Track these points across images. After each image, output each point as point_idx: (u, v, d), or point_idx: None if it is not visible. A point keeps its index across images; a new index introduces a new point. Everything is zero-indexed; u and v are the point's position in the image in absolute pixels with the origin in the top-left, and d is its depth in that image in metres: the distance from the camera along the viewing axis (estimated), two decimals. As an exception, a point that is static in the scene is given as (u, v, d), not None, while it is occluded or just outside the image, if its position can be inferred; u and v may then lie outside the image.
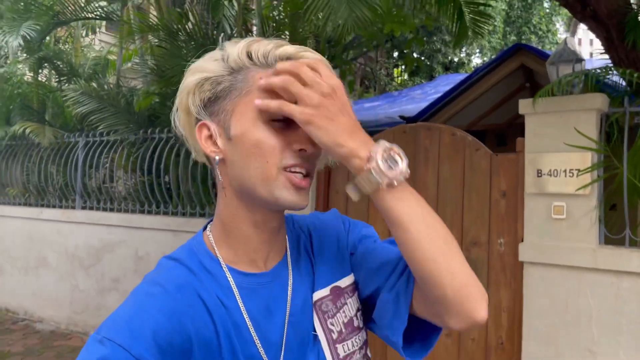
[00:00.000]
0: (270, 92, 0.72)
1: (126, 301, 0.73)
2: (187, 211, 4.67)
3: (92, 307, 5.17)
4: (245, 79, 0.74)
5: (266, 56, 0.75)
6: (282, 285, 0.81)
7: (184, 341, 0.70)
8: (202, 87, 0.75)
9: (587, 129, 2.90)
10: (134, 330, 0.67)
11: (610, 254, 2.83)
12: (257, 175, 0.73)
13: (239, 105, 0.74)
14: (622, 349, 2.79)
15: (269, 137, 0.72)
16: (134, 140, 5.14)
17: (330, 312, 0.83)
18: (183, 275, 0.75)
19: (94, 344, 0.67)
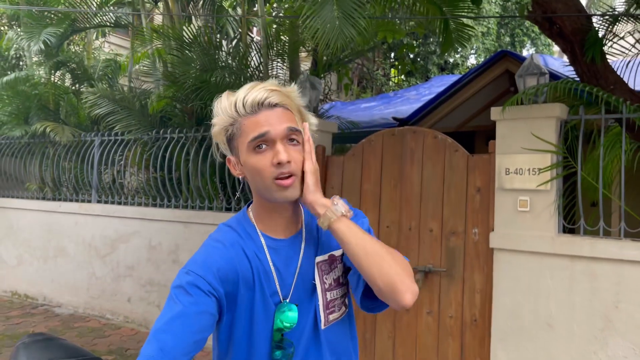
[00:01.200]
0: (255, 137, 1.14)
1: (200, 250, 1.20)
2: (196, 204, 5.12)
3: (108, 292, 5.62)
4: (238, 126, 1.14)
5: (244, 105, 1.13)
6: (296, 248, 1.25)
7: (234, 277, 1.17)
8: (220, 134, 1.19)
9: (547, 134, 3.36)
10: (206, 267, 1.14)
11: (566, 241, 3.30)
12: (261, 186, 1.16)
13: (240, 144, 1.15)
14: (576, 323, 3.26)
15: (258, 160, 1.13)
16: (147, 139, 5.59)
17: (326, 270, 1.27)
18: (234, 237, 1.21)
19: (183, 274, 1.13)
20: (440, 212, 3.84)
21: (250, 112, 1.14)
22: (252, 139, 1.13)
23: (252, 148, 1.14)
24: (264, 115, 1.13)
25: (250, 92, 1.14)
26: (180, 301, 1.08)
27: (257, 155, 1.13)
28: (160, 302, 5.18)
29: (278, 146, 1.13)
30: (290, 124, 1.15)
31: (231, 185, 4.96)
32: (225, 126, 1.17)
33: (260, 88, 1.15)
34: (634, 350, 3.08)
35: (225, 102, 1.17)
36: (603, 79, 3.74)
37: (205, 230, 4.91)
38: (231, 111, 1.15)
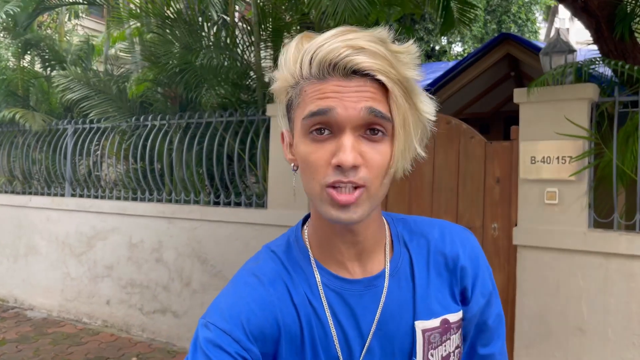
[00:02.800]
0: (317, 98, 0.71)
1: (228, 287, 0.81)
2: (180, 198, 4.69)
3: (85, 294, 5.17)
4: (298, 91, 0.74)
5: (313, 67, 0.72)
6: (374, 296, 0.81)
7: (273, 330, 0.77)
8: (281, 94, 0.78)
9: (578, 118, 3.02)
10: (232, 318, 0.75)
11: (600, 237, 2.97)
12: (309, 190, 0.74)
13: (297, 117, 0.75)
14: (611, 328, 2.94)
15: (312, 151, 0.72)
16: (126, 127, 5.12)
17: (435, 343, 0.83)
18: (277, 270, 0.81)
19: (202, 327, 0.76)
20: (455, 205, 3.49)
21: (317, 75, 0.71)
22: (307, 114, 0.71)
23: (308, 130, 0.72)
24: (333, 86, 0.70)
25: (329, 42, 0.70)
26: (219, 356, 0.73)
27: (313, 144, 0.72)
28: (142, 304, 4.75)
29: (345, 138, 0.70)
30: (373, 104, 0.70)
31: (220, 177, 4.54)
32: (286, 86, 0.76)
33: (344, 37, 0.70)
34: (677, 358, 2.78)
35: (293, 50, 0.75)
36: (631, 57, 3.42)
37: (192, 227, 4.49)
38: (294, 66, 0.73)
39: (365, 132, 0.71)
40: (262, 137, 4.26)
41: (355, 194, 0.70)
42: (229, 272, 4.27)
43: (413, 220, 0.90)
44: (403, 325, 0.82)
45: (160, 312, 4.65)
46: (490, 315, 0.88)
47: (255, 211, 4.20)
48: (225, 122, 4.49)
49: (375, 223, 0.82)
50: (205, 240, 4.42)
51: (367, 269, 0.82)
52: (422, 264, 0.85)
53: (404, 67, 0.71)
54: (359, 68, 0.69)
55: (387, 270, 0.83)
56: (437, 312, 0.83)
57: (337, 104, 0.69)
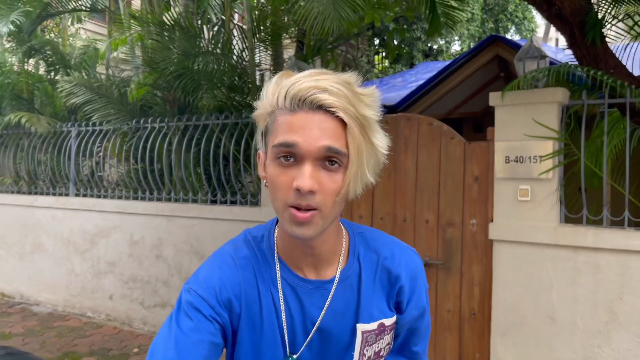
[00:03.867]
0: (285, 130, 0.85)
1: (209, 261, 1.00)
2: (179, 197, 4.90)
3: (89, 289, 5.39)
4: (273, 119, 0.87)
5: (286, 100, 0.85)
6: (322, 297, 0.98)
7: (237, 305, 0.96)
8: (260, 120, 0.92)
9: (549, 120, 3.22)
10: (208, 286, 0.94)
11: (569, 232, 3.18)
12: (275, 206, 0.88)
13: (269, 142, 0.87)
14: (579, 316, 3.15)
15: (278, 174, 0.85)
16: (127, 129, 5.34)
17: (371, 342, 1.01)
18: (249, 257, 0.99)
19: (184, 291, 0.95)
20: (437, 202, 3.69)
21: (288, 107, 0.85)
22: (277, 144, 0.85)
23: (276, 155, 0.86)
24: (301, 118, 0.84)
25: (301, 81, 0.84)
26: (178, 325, 0.91)
27: (279, 168, 0.86)
28: (143, 298, 4.98)
29: (305, 167, 0.83)
30: (331, 143, 0.83)
31: (216, 177, 4.75)
32: (264, 114, 0.90)
33: (314, 78, 0.85)
34: (639, 344, 2.98)
35: (273, 84, 0.89)
36: (603, 62, 3.60)
37: (190, 224, 4.71)
38: (272, 97, 0.87)
39: (324, 163, 0.84)
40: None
41: (309, 214, 0.84)
42: (225, 267, 4.49)
43: (371, 235, 1.06)
44: (344, 325, 0.99)
45: (160, 306, 4.87)
46: (422, 324, 1.09)
47: (250, 209, 4.41)
48: (221, 124, 4.70)
49: (331, 238, 0.97)
50: (203, 237, 4.64)
51: (321, 274, 0.99)
52: (370, 276, 1.01)
53: (364, 107, 0.85)
54: (323, 104, 0.83)
55: (337, 277, 0.99)
56: (376, 317, 1.00)
57: (301, 139, 0.83)
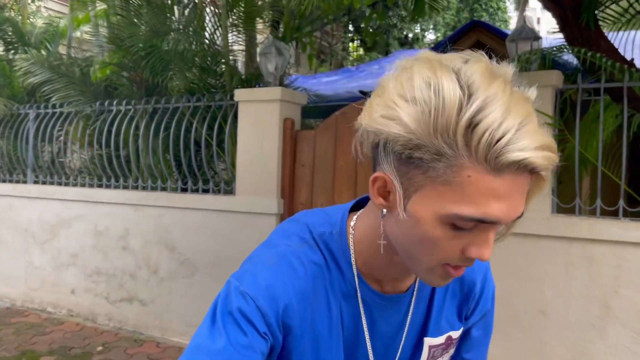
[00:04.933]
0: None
1: (271, 259, 0.77)
2: (147, 185, 4.59)
3: (49, 283, 5.05)
4: (451, 167, 0.59)
5: (493, 156, 0.57)
6: (402, 311, 0.84)
7: (299, 326, 0.76)
8: (396, 141, 0.61)
9: (543, 104, 3.05)
10: (271, 299, 0.73)
11: (562, 222, 3.03)
12: (417, 257, 0.68)
13: (428, 186, 0.61)
14: (572, 310, 3.01)
15: (446, 239, 0.64)
16: (90, 112, 4.98)
17: (437, 356, 0.89)
18: (320, 264, 0.78)
19: (237, 293, 0.73)
20: (423, 191, 3.50)
21: (491, 166, 0.58)
22: (466, 217, 0.60)
23: (451, 222, 0.62)
24: (507, 185, 0.59)
25: (516, 132, 0.57)
26: (228, 337, 0.71)
27: (451, 232, 0.63)
28: (109, 293, 4.67)
29: (490, 236, 0.63)
30: (523, 208, 0.64)
31: (187, 164, 4.45)
32: (422, 143, 0.59)
33: (534, 129, 0.58)
34: (634, 338, 2.86)
35: (444, 94, 0.58)
36: (596, 45, 3.46)
37: (159, 214, 4.41)
38: (452, 133, 0.58)
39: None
40: (231, 122, 4.20)
41: (462, 270, 0.69)
42: (197, 259, 4.22)
43: None
44: (411, 339, 0.86)
45: (127, 301, 4.57)
46: (478, 327, 0.94)
47: (224, 198, 4.15)
48: (192, 107, 4.40)
49: None
50: (173, 228, 4.35)
51: (397, 287, 0.82)
52: (442, 287, 0.86)
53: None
54: (541, 170, 0.60)
55: (415, 289, 0.84)
56: (444, 330, 0.87)
57: (504, 214, 0.60)
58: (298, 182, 3.96)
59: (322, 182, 3.84)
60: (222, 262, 4.08)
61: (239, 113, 4.08)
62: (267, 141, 3.93)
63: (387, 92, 0.63)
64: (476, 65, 0.61)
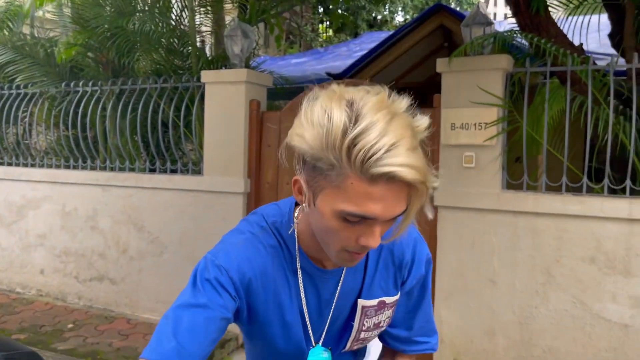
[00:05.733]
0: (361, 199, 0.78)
1: (240, 240, 0.99)
2: (115, 166, 4.64)
3: (17, 264, 5.07)
4: (340, 176, 0.77)
5: (368, 165, 0.74)
6: (334, 282, 1.04)
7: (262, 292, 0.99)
8: (302, 151, 0.80)
9: (493, 87, 3.24)
10: (239, 270, 0.95)
11: (511, 198, 3.25)
12: (326, 243, 0.89)
13: (327, 188, 0.79)
14: (518, 279, 3.25)
15: (342, 229, 0.82)
16: (55, 93, 4.97)
17: (370, 315, 1.07)
18: (276, 246, 1.00)
19: (214, 265, 0.95)
20: (383, 169, 3.67)
21: (368, 178, 0.75)
22: (350, 213, 0.79)
23: (342, 216, 0.81)
24: (381, 190, 0.76)
25: (393, 151, 0.74)
26: (208, 298, 0.92)
27: (344, 224, 0.82)
28: (78, 272, 4.73)
29: (376, 229, 0.82)
30: (401, 209, 0.80)
31: (155, 144, 4.51)
32: (320, 156, 0.78)
33: (403, 150, 0.74)
34: (574, 304, 3.11)
35: (333, 120, 0.76)
36: (545, 31, 3.65)
37: (127, 194, 4.48)
38: (342, 155, 0.75)
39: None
40: (198, 104, 4.27)
41: (362, 255, 0.90)
42: (166, 238, 4.31)
43: None
44: (349, 302, 1.06)
45: (97, 280, 4.65)
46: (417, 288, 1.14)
47: (192, 178, 4.24)
48: (159, 88, 4.45)
49: None
50: (142, 208, 4.43)
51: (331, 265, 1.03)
52: (374, 260, 1.06)
53: (433, 177, 0.80)
54: (409, 180, 0.75)
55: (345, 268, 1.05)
56: (377, 295, 1.07)
57: (380, 212, 0.78)
58: (264, 162, 4.08)
59: (288, 162, 3.96)
60: (191, 241, 4.19)
61: (205, 94, 4.15)
62: (234, 122, 4.02)
63: (301, 114, 0.82)
64: (371, 98, 0.78)
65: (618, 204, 3.00)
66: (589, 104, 3.10)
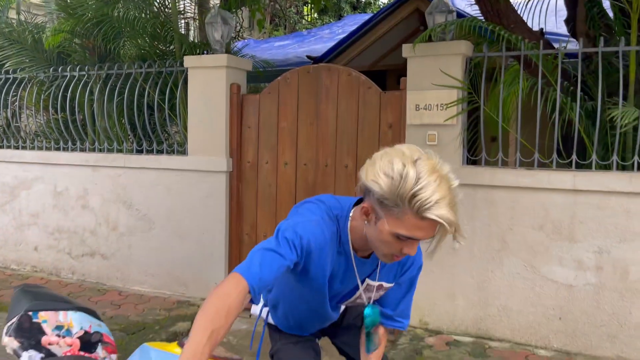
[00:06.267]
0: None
1: (312, 221, 1.40)
2: (104, 147, 4.87)
3: (11, 242, 5.31)
4: (400, 212, 1.22)
5: (422, 210, 1.18)
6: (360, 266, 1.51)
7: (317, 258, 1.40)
8: (380, 192, 1.23)
9: (454, 71, 3.52)
10: (307, 240, 1.35)
11: (469, 172, 3.55)
12: (377, 247, 1.35)
13: (388, 218, 1.25)
14: (476, 246, 3.57)
15: (393, 242, 1.28)
16: (44, 78, 5.16)
17: (370, 290, 1.57)
18: (334, 232, 1.43)
19: (294, 230, 1.34)
20: (355, 148, 3.95)
21: (420, 217, 1.20)
22: (403, 235, 1.24)
23: (397, 236, 1.26)
24: (427, 225, 1.22)
25: (439, 205, 1.19)
26: (285, 251, 1.30)
27: (395, 239, 1.27)
28: (71, 249, 4.99)
29: (415, 245, 1.30)
30: (432, 235, 1.27)
31: (141, 126, 4.74)
32: (389, 198, 1.22)
33: (450, 206, 1.20)
34: (525, 267, 3.45)
35: (407, 183, 1.19)
36: (505, 17, 3.92)
37: (116, 174, 4.72)
38: (405, 201, 1.20)
39: None
40: (181, 87, 4.50)
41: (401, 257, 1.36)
42: (154, 214, 4.58)
43: None
44: (362, 278, 1.54)
45: (89, 255, 4.91)
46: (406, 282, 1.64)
47: (177, 158, 4.49)
48: (144, 73, 4.67)
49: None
50: (130, 187, 4.68)
51: (365, 255, 1.51)
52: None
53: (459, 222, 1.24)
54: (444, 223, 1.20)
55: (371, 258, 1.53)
56: (380, 279, 1.56)
57: (421, 236, 1.25)
58: (245, 142, 4.34)
59: (267, 142, 4.24)
60: (177, 216, 4.46)
61: (188, 79, 4.39)
62: (216, 105, 4.27)
63: (377, 165, 1.25)
64: (427, 161, 1.23)
65: (563, 177, 3.32)
66: (539, 85, 3.40)
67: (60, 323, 1.60)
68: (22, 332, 1.52)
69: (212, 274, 4.35)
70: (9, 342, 1.51)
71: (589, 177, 3.27)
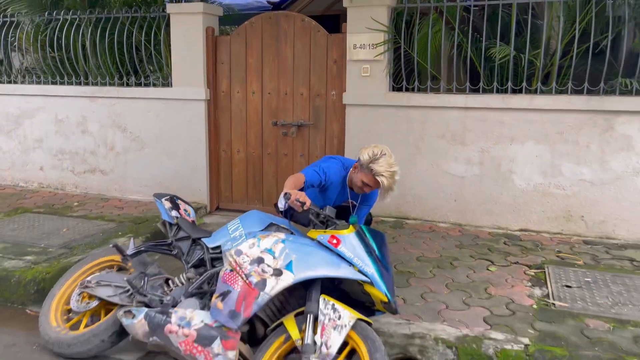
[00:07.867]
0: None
1: (332, 167, 3.26)
2: (98, 81, 5.79)
3: (19, 163, 6.24)
4: (367, 172, 2.99)
5: (375, 174, 2.93)
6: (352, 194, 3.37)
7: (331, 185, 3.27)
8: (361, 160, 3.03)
9: (382, 18, 4.63)
10: (328, 175, 3.21)
11: (393, 96, 4.74)
12: (354, 184, 3.18)
13: (361, 172, 3.05)
14: (397, 152, 4.78)
15: (361, 185, 3.10)
16: (39, 21, 5.95)
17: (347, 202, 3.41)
18: (343, 176, 3.29)
19: (320, 168, 3.20)
20: (308, 80, 5.06)
21: (373, 176, 2.95)
22: (364, 182, 3.02)
23: (363, 181, 3.02)
24: (375, 182, 2.97)
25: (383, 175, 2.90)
26: (316, 176, 3.10)
27: (362, 183, 3.04)
28: (74, 167, 5.97)
29: (370, 189, 3.10)
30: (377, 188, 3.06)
31: (130, 64, 5.66)
32: (364, 164, 2.98)
33: (388, 177, 2.92)
34: (431, 166, 4.73)
35: (374, 160, 2.93)
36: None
37: (111, 103, 5.68)
38: (370, 167, 2.95)
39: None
40: (164, 30, 5.43)
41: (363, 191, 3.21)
42: (145, 136, 5.60)
43: None
44: (346, 198, 3.38)
45: (90, 172, 5.93)
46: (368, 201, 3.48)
47: (163, 89, 5.49)
48: (130, 17, 5.55)
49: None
50: (124, 114, 5.66)
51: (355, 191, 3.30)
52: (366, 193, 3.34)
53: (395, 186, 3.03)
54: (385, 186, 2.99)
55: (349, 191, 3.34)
56: (355, 200, 3.39)
57: (373, 185, 3.04)
58: (219, 76, 5.37)
59: (237, 75, 5.28)
60: (164, 138, 5.51)
61: (171, 23, 5.32)
62: (194, 45, 5.25)
63: (367, 149, 3.05)
64: (389, 156, 3.01)
65: (458, 98, 4.56)
66: (442, 29, 4.57)
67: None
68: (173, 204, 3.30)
69: (195, 183, 5.47)
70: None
71: (475, 98, 4.52)
